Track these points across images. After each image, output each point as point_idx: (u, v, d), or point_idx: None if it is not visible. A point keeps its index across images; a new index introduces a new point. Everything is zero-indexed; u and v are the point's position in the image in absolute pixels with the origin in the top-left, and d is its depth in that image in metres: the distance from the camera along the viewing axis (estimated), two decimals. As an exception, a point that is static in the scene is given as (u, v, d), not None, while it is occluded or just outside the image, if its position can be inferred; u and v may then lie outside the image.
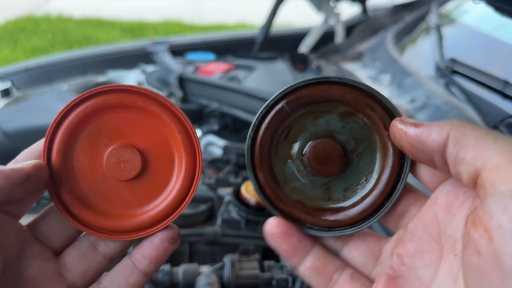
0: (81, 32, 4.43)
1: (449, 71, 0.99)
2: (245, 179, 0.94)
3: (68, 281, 0.34)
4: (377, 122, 0.33)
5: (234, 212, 0.82)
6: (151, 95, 0.34)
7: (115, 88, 0.34)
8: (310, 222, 0.34)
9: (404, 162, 0.33)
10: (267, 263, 0.72)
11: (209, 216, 0.85)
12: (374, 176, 0.34)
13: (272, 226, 0.33)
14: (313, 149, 0.34)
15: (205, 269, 0.70)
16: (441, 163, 0.28)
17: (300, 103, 0.34)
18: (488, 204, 0.21)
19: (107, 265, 0.35)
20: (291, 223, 0.34)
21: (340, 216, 0.34)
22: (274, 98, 0.34)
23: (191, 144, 0.35)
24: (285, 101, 0.34)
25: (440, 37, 1.14)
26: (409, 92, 1.06)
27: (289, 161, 0.35)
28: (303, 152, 0.35)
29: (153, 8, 5.39)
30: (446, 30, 1.19)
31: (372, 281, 0.32)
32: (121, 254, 0.36)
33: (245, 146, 0.35)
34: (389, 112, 0.33)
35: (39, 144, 0.35)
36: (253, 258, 0.72)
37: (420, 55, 1.26)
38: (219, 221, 0.82)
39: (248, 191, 0.81)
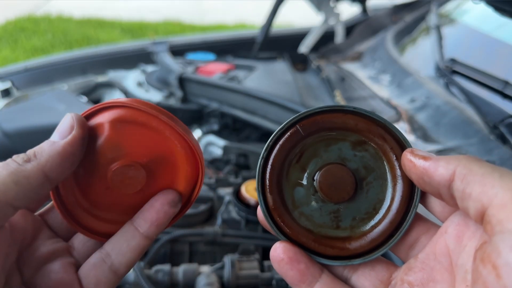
0: (81, 32, 4.43)
1: (449, 71, 0.99)
2: (245, 179, 0.94)
3: (76, 258, 0.35)
4: (388, 152, 0.34)
5: (234, 212, 0.82)
6: (153, 112, 0.34)
7: (117, 105, 0.34)
8: (318, 250, 0.34)
9: (414, 192, 0.33)
10: (267, 263, 0.72)
11: (209, 216, 0.85)
12: (384, 205, 0.34)
13: (279, 251, 0.32)
14: (325, 173, 0.34)
15: (205, 269, 0.70)
16: (448, 197, 0.29)
17: (314, 128, 0.34)
18: (495, 242, 0.22)
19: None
20: (298, 249, 0.33)
21: (349, 245, 0.34)
22: (289, 121, 0.34)
23: (194, 156, 0.35)
24: (300, 125, 0.34)
25: (440, 37, 1.14)
26: (409, 92, 1.06)
27: (299, 185, 0.35)
28: (314, 177, 0.34)
29: (153, 8, 5.40)
30: (446, 30, 1.19)
31: None
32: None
33: (257, 167, 0.34)
34: (400, 143, 0.34)
35: None
36: (253, 258, 0.72)
37: (420, 55, 1.26)
38: (219, 221, 0.82)
39: (248, 191, 0.81)
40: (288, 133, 0.34)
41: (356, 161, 0.34)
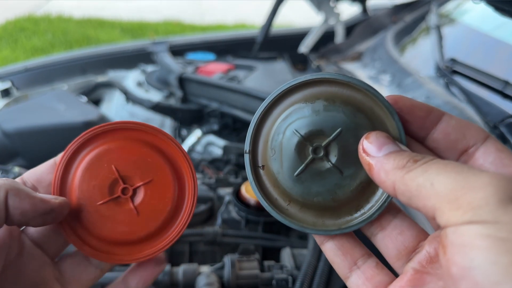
0: (81, 32, 4.43)
1: (449, 71, 0.99)
2: (245, 179, 0.94)
3: (62, 284, 0.37)
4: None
5: (234, 212, 0.82)
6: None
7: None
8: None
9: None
10: (267, 263, 0.72)
11: (209, 216, 0.85)
12: None
13: None
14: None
15: (205, 269, 0.70)
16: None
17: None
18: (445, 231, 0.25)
19: (98, 276, 0.38)
20: None
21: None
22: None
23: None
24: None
25: (440, 37, 1.14)
26: (409, 92, 1.06)
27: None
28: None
29: (153, 8, 5.40)
30: (446, 30, 1.19)
31: (396, 274, 0.32)
32: (112, 266, 0.40)
33: (248, 137, 0.34)
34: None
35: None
36: (253, 258, 0.72)
37: (420, 55, 1.26)
38: (219, 221, 0.82)
39: (248, 191, 0.81)
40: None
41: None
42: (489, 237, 0.22)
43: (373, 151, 0.29)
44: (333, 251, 0.33)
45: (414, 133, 0.31)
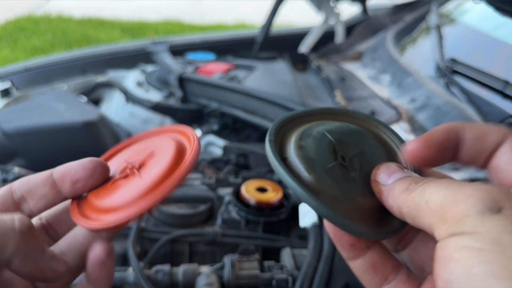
0: (81, 32, 4.43)
1: (449, 71, 0.99)
2: (245, 179, 0.94)
3: None
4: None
5: (234, 212, 0.82)
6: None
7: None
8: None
9: None
10: (267, 263, 0.72)
11: (209, 216, 0.85)
12: None
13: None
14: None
15: (205, 269, 0.70)
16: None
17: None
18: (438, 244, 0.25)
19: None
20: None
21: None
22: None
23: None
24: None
25: (440, 37, 1.14)
26: (409, 92, 1.06)
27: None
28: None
29: (153, 8, 5.40)
30: (446, 30, 1.19)
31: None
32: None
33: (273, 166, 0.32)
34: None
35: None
36: (253, 258, 0.72)
37: (420, 55, 1.26)
38: (219, 221, 0.82)
39: (248, 191, 0.81)
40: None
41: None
42: (466, 248, 0.22)
43: (383, 180, 0.30)
44: (363, 269, 0.31)
45: (439, 161, 0.31)
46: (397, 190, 0.29)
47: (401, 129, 0.96)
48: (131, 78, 1.45)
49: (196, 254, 0.79)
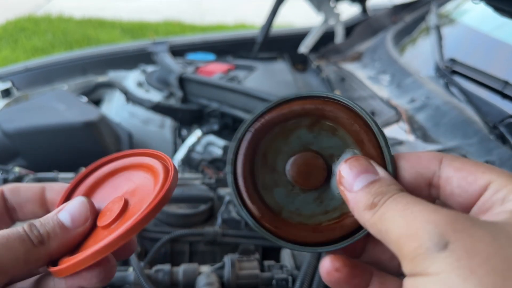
0: (82, 32, 4.43)
1: (449, 71, 0.99)
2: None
3: None
4: (343, 120, 0.33)
5: (234, 212, 0.82)
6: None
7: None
8: (321, 240, 0.32)
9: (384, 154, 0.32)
10: (267, 263, 0.72)
11: (209, 216, 0.85)
12: None
13: (331, 268, 0.30)
14: (294, 166, 0.34)
15: (205, 269, 0.70)
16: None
17: (267, 127, 0.34)
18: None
19: None
20: (342, 256, 0.31)
21: (346, 221, 0.32)
22: (242, 132, 0.34)
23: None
24: (252, 129, 0.34)
25: (439, 37, 1.14)
26: (409, 92, 1.07)
27: (276, 186, 0.34)
28: (286, 173, 0.34)
29: (153, 8, 5.40)
30: (446, 30, 1.19)
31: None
32: None
33: (229, 183, 0.34)
34: (350, 109, 0.33)
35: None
36: (253, 258, 0.72)
37: (420, 55, 1.27)
38: (219, 221, 0.82)
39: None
40: (245, 141, 0.34)
41: (318, 142, 0.34)
42: None
43: (348, 185, 0.29)
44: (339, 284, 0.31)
45: None
46: (362, 205, 0.28)
47: (400, 129, 0.96)
48: (131, 78, 1.45)
49: (196, 254, 0.79)
